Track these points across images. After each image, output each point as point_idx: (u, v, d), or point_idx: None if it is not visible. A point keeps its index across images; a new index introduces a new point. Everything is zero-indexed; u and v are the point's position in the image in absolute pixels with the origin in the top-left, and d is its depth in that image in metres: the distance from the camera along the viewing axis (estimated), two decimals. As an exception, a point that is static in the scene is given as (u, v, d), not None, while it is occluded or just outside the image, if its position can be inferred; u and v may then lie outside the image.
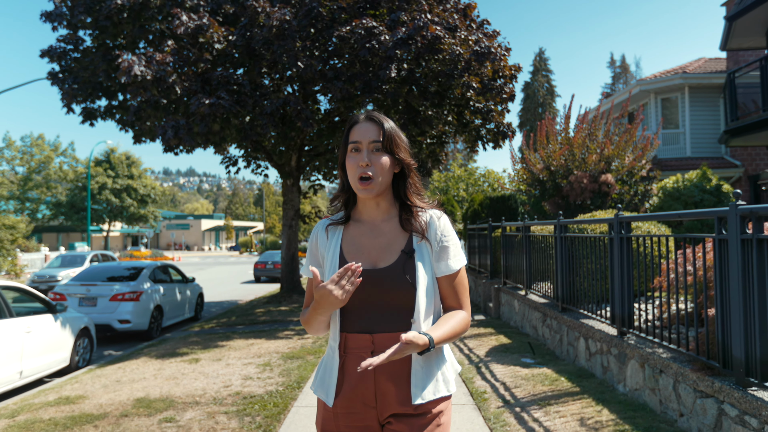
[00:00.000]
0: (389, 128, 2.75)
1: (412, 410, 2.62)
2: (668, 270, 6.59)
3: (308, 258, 2.90)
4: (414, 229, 2.75)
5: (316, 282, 2.51)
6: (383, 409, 2.63)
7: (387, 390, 2.61)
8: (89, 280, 16.15)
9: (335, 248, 2.77)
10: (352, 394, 2.64)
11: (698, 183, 14.92)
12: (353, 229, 2.82)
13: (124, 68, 13.84)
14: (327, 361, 2.77)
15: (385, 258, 2.70)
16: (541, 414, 6.70)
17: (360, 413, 2.65)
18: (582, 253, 9.27)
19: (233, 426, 6.94)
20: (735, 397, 4.93)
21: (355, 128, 2.75)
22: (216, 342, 13.22)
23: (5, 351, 9.61)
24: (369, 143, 2.68)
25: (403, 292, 2.62)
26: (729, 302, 5.13)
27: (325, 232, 2.84)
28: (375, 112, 2.78)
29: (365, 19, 14.61)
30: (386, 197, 2.81)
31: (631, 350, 7.04)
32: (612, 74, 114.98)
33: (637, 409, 6.49)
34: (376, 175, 2.66)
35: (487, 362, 9.67)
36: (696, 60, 29.09)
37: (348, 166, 2.71)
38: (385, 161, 2.70)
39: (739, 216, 4.99)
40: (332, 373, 2.70)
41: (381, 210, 2.80)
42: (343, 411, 2.66)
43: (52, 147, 69.65)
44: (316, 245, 2.86)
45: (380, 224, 2.79)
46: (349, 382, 2.65)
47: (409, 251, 2.70)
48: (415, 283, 2.63)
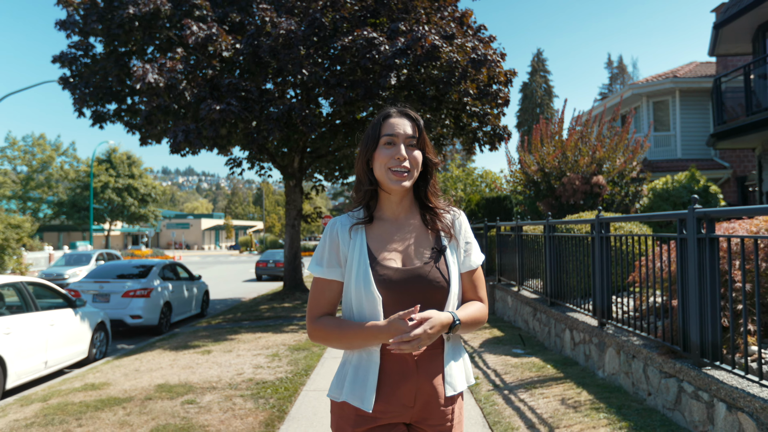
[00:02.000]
0: (422, 125, 2.76)
1: (443, 403, 2.67)
2: (640, 266, 7.34)
3: (324, 257, 2.77)
4: (442, 229, 2.78)
5: (399, 324, 2.44)
6: (422, 409, 2.65)
7: (427, 389, 2.62)
8: (102, 277, 16.90)
9: (361, 247, 2.71)
10: (392, 396, 2.61)
11: (686, 184, 15.51)
12: (376, 228, 2.78)
13: (138, 76, 14.56)
14: (358, 364, 2.68)
15: (418, 256, 2.71)
16: (526, 396, 7.46)
17: (396, 415, 2.64)
18: (568, 251, 10.00)
19: (249, 407, 7.71)
20: (691, 376, 5.68)
21: (389, 122, 2.74)
22: (225, 336, 13.95)
23: (32, 342, 10.35)
24: (405, 138, 2.69)
25: (438, 290, 2.65)
26: (688, 294, 5.88)
27: (348, 231, 2.76)
28: (408, 108, 2.81)
29: (366, 30, 15.31)
30: (409, 195, 2.81)
31: (610, 339, 7.79)
32: (609, 75, 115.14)
33: (612, 391, 7.25)
34: (411, 170, 2.68)
35: (480, 353, 10.41)
36: (687, 64, 29.91)
37: (379, 158, 2.69)
38: (419, 157, 2.72)
39: (695, 218, 5.73)
40: (368, 376, 2.63)
41: (403, 207, 2.80)
42: (379, 415, 2.62)
43: (54, 147, 70.21)
44: (338, 244, 2.74)
45: (403, 222, 2.79)
46: (390, 384, 2.61)
47: (441, 249, 2.73)
48: (449, 281, 2.67)
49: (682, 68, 28.87)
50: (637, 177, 17.04)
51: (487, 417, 6.86)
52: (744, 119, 18.18)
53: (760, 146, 20.00)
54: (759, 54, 19.75)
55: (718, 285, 5.54)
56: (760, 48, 19.79)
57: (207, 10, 17.00)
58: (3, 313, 10.05)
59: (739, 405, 4.91)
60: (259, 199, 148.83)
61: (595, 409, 6.57)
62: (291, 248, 21.88)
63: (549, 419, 6.46)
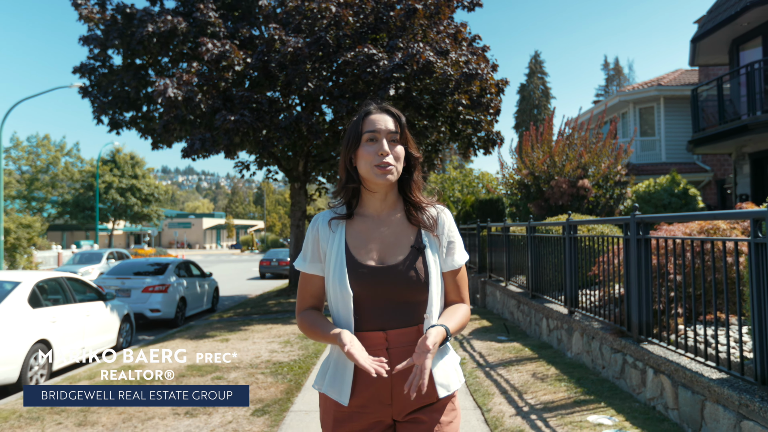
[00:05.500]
0: (404, 121, 2.76)
1: (430, 404, 2.69)
2: (599, 263, 8.74)
3: (307, 252, 2.83)
4: (423, 225, 2.76)
5: (344, 348, 2.48)
6: (401, 406, 2.66)
7: (404, 388, 2.59)
8: (122, 274, 18.38)
9: (340, 243, 2.73)
10: (367, 392, 2.64)
11: (667, 187, 16.52)
12: (358, 224, 2.78)
13: (159, 90, 15.96)
14: (338, 359, 2.73)
15: (395, 253, 2.70)
16: (504, 371, 8.87)
17: (374, 411, 2.67)
18: (547, 250, 11.34)
19: (270, 381, 9.15)
20: (631, 350, 7.08)
21: (370, 118, 2.73)
22: (238, 327, 15.31)
23: (73, 330, 11.76)
24: (387, 133, 2.68)
25: (416, 288, 2.64)
26: (630, 284, 7.26)
27: (328, 225, 2.78)
28: (388, 104, 2.79)
29: (367, 46, 16.62)
30: (393, 191, 2.80)
31: (576, 324, 9.19)
32: (606, 76, 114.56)
33: (576, 367, 8.66)
34: (395, 165, 2.67)
35: (468, 339, 11.79)
36: (672, 72, 31.28)
37: (362, 155, 2.69)
38: (401, 152, 2.71)
39: (635, 222, 7.12)
40: (345, 370, 2.67)
41: (387, 204, 2.79)
42: (357, 410, 2.66)
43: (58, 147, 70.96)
44: (317, 239, 2.79)
45: (386, 218, 2.77)
46: (365, 381, 2.63)
47: (420, 246, 2.71)
48: (428, 279, 2.67)
49: (667, 76, 30.23)
50: (620, 180, 17.66)
51: (469, 387, 8.29)
52: (718, 127, 19.46)
53: (735, 152, 21.25)
54: (734, 65, 20.98)
55: (650, 276, 6.95)
56: (735, 60, 21.04)
57: (219, 27, 18.42)
58: (48, 304, 11.43)
59: (661, 369, 6.32)
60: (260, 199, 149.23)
61: (558, 380, 7.98)
62: (296, 247, 23.17)
63: (519, 387, 7.88)
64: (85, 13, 19.24)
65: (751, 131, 17.94)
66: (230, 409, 7.67)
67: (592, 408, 6.69)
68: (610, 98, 30.17)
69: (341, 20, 17.17)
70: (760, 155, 20.06)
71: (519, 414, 6.79)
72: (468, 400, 7.80)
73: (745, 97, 18.84)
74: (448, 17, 19.97)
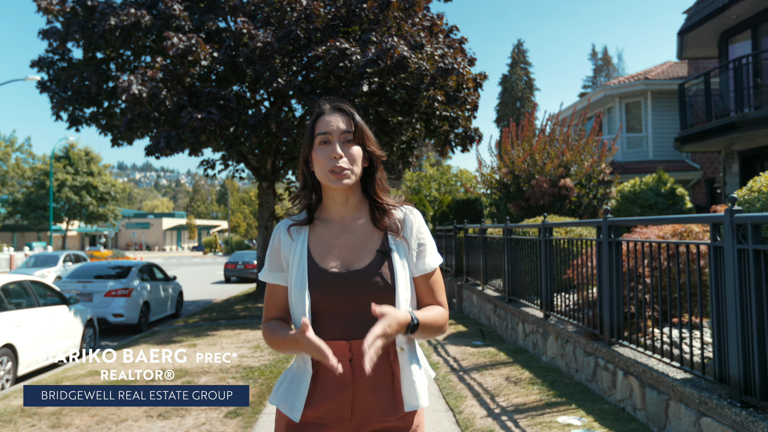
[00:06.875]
0: (359, 119, 2.77)
1: (395, 420, 2.65)
2: (574, 266, 9.31)
3: (269, 261, 2.83)
4: (389, 227, 2.74)
5: (304, 330, 2.41)
6: (361, 423, 2.64)
7: (367, 401, 2.62)
8: (83, 277, 18.80)
9: (302, 250, 2.72)
10: (325, 405, 2.62)
11: (654, 186, 16.67)
12: (320, 229, 2.78)
13: (123, 87, 16.34)
14: (296, 371, 2.75)
15: (360, 258, 2.69)
16: (477, 375, 9.44)
17: (331, 426, 2.64)
18: (524, 252, 11.86)
19: (241, 384, 9.64)
20: (603, 353, 7.66)
21: (323, 119, 2.73)
22: (206, 332, 15.79)
23: (37, 335, 12.22)
24: (340, 134, 2.68)
25: (382, 294, 2.61)
26: (602, 287, 7.83)
27: (288, 233, 2.78)
28: (341, 102, 2.81)
29: (339, 41, 17.12)
30: (355, 193, 2.79)
31: (551, 328, 9.75)
32: (594, 67, 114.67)
33: (550, 371, 9.24)
34: (351, 167, 2.66)
35: (443, 344, 12.34)
36: (661, 64, 31.87)
37: (316, 159, 2.68)
38: (358, 153, 2.70)
39: (607, 225, 7.69)
40: (301, 384, 2.67)
41: (350, 207, 2.78)
42: (313, 421, 2.64)
43: (8, 143, 70.23)
44: (279, 248, 2.80)
45: (350, 222, 2.77)
46: (323, 393, 2.63)
47: (386, 250, 2.70)
48: (395, 284, 2.64)
49: (655, 69, 30.71)
50: (604, 180, 18.01)
51: (441, 390, 8.86)
52: (705, 124, 19.97)
53: (724, 150, 21.72)
54: (724, 59, 21.47)
55: (621, 279, 7.52)
56: (725, 53, 21.56)
57: (185, 20, 18.81)
58: (13, 308, 11.88)
59: (631, 371, 6.90)
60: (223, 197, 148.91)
61: (531, 384, 8.55)
62: (263, 249, 23.47)
63: (492, 390, 8.46)
64: (44, 5, 19.51)
65: (739, 129, 18.34)
66: (203, 411, 8.20)
67: (563, 409, 7.27)
68: (594, 92, 30.58)
69: (312, 12, 17.54)
70: (750, 153, 20.47)
71: (490, 415, 7.36)
72: (440, 402, 8.36)
73: (733, 93, 19.27)
74: (424, 8, 20.37)
